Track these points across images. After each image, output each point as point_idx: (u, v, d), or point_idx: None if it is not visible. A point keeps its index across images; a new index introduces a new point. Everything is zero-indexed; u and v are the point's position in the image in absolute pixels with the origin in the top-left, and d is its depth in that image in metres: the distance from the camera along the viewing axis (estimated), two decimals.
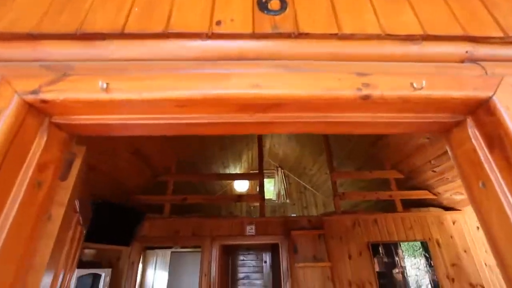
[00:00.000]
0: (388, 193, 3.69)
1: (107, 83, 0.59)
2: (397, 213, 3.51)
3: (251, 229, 3.41)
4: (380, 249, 3.20)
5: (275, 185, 6.63)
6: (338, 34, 0.71)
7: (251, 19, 0.71)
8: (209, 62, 0.69)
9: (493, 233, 0.59)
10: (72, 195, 0.74)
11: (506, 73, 0.67)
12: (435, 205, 3.67)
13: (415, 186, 3.68)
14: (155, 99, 0.59)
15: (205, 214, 4.41)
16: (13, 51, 0.68)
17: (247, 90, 0.60)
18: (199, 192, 5.27)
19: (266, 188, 5.22)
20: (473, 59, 0.74)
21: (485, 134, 0.64)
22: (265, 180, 4.60)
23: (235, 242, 3.47)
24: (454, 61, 0.73)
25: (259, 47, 0.71)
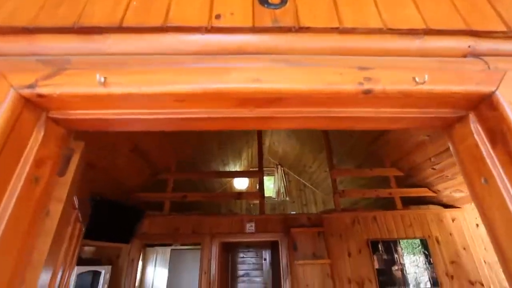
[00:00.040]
0: (387, 190, 3.69)
1: (105, 77, 0.58)
2: (397, 210, 3.51)
3: (250, 227, 3.42)
4: (379, 246, 3.21)
5: (275, 182, 6.64)
6: (339, 28, 0.70)
7: (251, 13, 0.70)
8: (208, 56, 0.68)
9: (495, 229, 0.59)
10: (70, 191, 0.74)
11: (509, 68, 0.66)
12: (435, 203, 3.68)
13: (415, 183, 3.68)
14: (155, 93, 0.58)
15: (204, 212, 4.40)
16: (9, 45, 0.67)
17: (247, 84, 0.59)
18: (198, 190, 5.28)
19: (265, 185, 5.23)
20: (475, 53, 0.73)
21: (488, 129, 0.63)
22: (264, 178, 4.60)
23: (235, 239, 3.47)
24: (456, 56, 0.72)
25: (259, 41, 0.70)
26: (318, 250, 3.19)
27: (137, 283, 4.67)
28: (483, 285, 3.07)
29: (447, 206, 3.63)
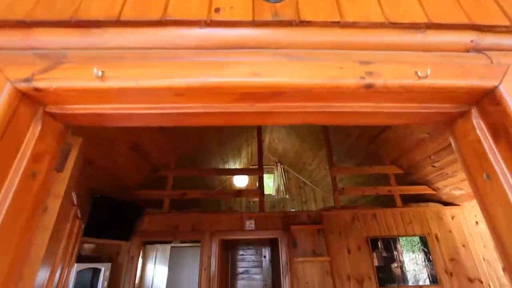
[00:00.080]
0: (387, 188, 3.69)
1: (103, 71, 0.57)
2: (396, 208, 3.51)
3: (250, 224, 3.42)
4: (379, 243, 3.21)
5: (275, 180, 6.64)
6: (340, 22, 0.69)
7: (251, 6, 0.69)
8: (207, 50, 0.67)
9: (497, 225, 0.58)
10: (68, 187, 0.73)
11: None
12: (434, 200, 3.68)
13: (415, 181, 3.68)
14: (153, 87, 0.57)
15: (204, 209, 4.41)
16: (5, 39, 0.66)
17: (247, 78, 0.58)
18: (198, 187, 5.28)
19: (265, 183, 5.23)
20: (478, 48, 0.72)
21: (490, 124, 0.62)
22: (264, 175, 4.59)
23: (234, 237, 3.47)
24: (459, 51, 0.72)
25: (259, 35, 0.69)
26: (317, 247, 3.19)
27: (137, 280, 4.69)
28: (482, 282, 3.07)
29: (446, 203, 3.63)
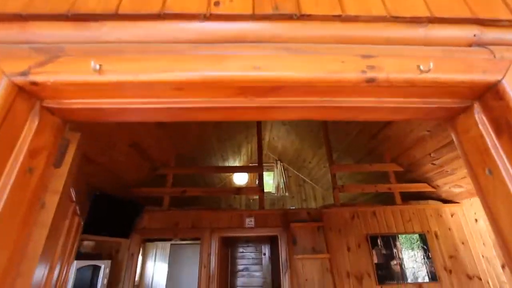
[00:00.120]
0: (387, 185, 3.69)
1: (100, 65, 0.56)
2: (396, 205, 3.51)
3: (250, 221, 3.42)
4: (378, 241, 3.22)
5: (274, 178, 6.64)
6: (341, 16, 0.68)
7: (251, 0, 0.68)
8: (207, 44, 0.66)
9: (499, 221, 0.58)
10: (66, 183, 0.72)
11: None
12: (434, 198, 3.68)
13: (414, 179, 3.68)
14: (152, 81, 0.57)
15: (204, 207, 4.41)
16: (1, 33, 0.65)
17: (247, 72, 0.57)
18: (198, 185, 5.28)
19: (265, 181, 5.23)
20: (481, 43, 0.71)
21: (493, 119, 0.62)
22: (264, 173, 4.59)
23: (234, 234, 3.47)
24: (461, 45, 0.71)
25: (259, 29, 0.68)
26: (317, 244, 3.20)
27: (137, 278, 4.70)
28: (480, 279, 3.09)
29: (446, 201, 3.63)
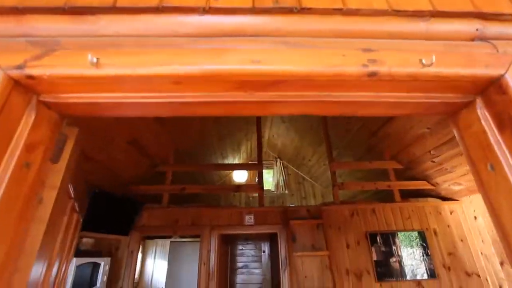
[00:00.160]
0: (386, 183, 3.69)
1: (98, 58, 0.55)
2: (395, 203, 3.52)
3: (250, 219, 3.42)
4: (378, 238, 3.22)
5: (274, 176, 6.64)
6: (343, 9, 0.67)
7: None
8: (206, 38, 0.65)
9: (501, 217, 0.57)
10: (64, 178, 0.71)
11: None
12: (433, 196, 3.68)
13: (414, 176, 3.68)
14: (150, 75, 0.56)
15: (204, 204, 4.41)
16: None
17: (247, 65, 0.56)
18: (197, 183, 5.27)
19: (265, 179, 5.23)
20: (483, 37, 0.71)
21: (496, 114, 0.61)
22: (264, 171, 4.59)
23: (234, 231, 3.47)
24: (463, 39, 0.70)
25: (259, 22, 0.67)
26: (317, 242, 3.20)
27: (136, 275, 4.71)
28: (479, 276, 3.10)
29: (445, 198, 3.63)
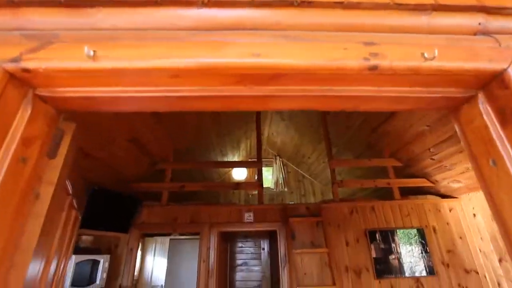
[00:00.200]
0: (386, 180, 3.69)
1: (94, 51, 0.55)
2: (395, 200, 3.52)
3: (249, 216, 3.42)
4: (377, 235, 3.23)
5: (273, 173, 6.64)
6: (343, 2, 0.66)
7: None
8: (204, 31, 0.64)
9: (503, 212, 0.57)
10: (62, 174, 0.71)
11: None
12: (433, 193, 3.69)
13: (413, 174, 3.68)
14: (147, 68, 0.55)
15: (203, 202, 4.41)
16: None
17: (246, 59, 0.56)
18: (197, 181, 5.27)
19: (264, 176, 5.22)
20: (486, 31, 0.70)
21: (498, 109, 0.60)
22: (263, 168, 4.58)
23: (233, 229, 3.47)
24: (466, 33, 0.69)
25: (259, 16, 0.66)
26: (316, 239, 3.21)
27: (136, 272, 4.72)
28: (478, 273, 3.11)
29: (444, 196, 3.64)
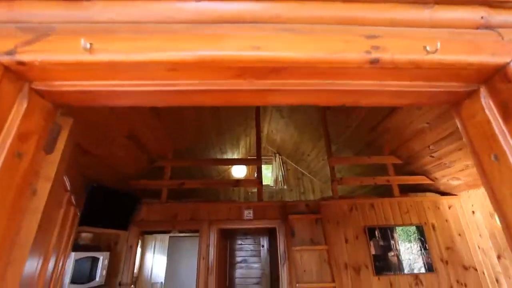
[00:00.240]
0: (385, 178, 3.69)
1: (91, 43, 0.53)
2: (394, 198, 3.52)
3: (249, 214, 3.42)
4: (376, 233, 3.24)
5: (273, 171, 6.64)
6: None
7: None
8: (203, 25, 0.63)
9: (505, 208, 0.56)
10: (59, 170, 0.70)
11: None
12: (432, 190, 3.69)
13: (413, 171, 3.69)
14: (145, 61, 0.54)
15: (202, 199, 4.41)
16: None
17: (246, 52, 0.55)
18: (196, 178, 5.26)
19: (263, 174, 5.23)
20: (488, 25, 0.69)
21: (500, 103, 0.59)
22: (262, 166, 4.58)
23: (233, 226, 3.48)
24: (468, 27, 0.68)
25: (259, 9, 0.65)
26: (315, 236, 3.21)
27: (136, 269, 4.73)
28: (476, 270, 3.13)
29: (444, 193, 3.64)
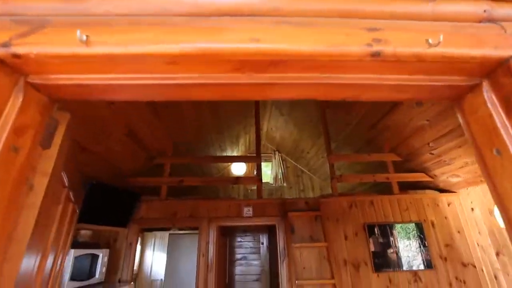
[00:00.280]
0: (385, 175, 3.69)
1: (87, 36, 0.52)
2: (394, 195, 3.53)
3: (248, 211, 3.42)
4: (375, 230, 3.24)
5: (272, 168, 6.64)
6: None
7: None
8: (202, 17, 0.62)
9: (506, 201, 0.56)
10: (56, 165, 0.69)
11: None
12: (431, 188, 3.70)
13: (412, 168, 3.68)
14: (143, 53, 0.53)
15: (202, 197, 4.40)
16: None
17: (245, 44, 0.54)
18: (195, 175, 5.26)
19: (263, 171, 5.22)
20: (491, 19, 0.68)
21: (503, 97, 0.59)
22: (262, 164, 4.58)
23: (232, 223, 3.48)
24: (471, 21, 0.67)
25: (258, 2, 0.64)
26: (315, 233, 3.21)
27: (135, 266, 4.74)
28: (475, 267, 3.14)
29: (443, 190, 3.65)
